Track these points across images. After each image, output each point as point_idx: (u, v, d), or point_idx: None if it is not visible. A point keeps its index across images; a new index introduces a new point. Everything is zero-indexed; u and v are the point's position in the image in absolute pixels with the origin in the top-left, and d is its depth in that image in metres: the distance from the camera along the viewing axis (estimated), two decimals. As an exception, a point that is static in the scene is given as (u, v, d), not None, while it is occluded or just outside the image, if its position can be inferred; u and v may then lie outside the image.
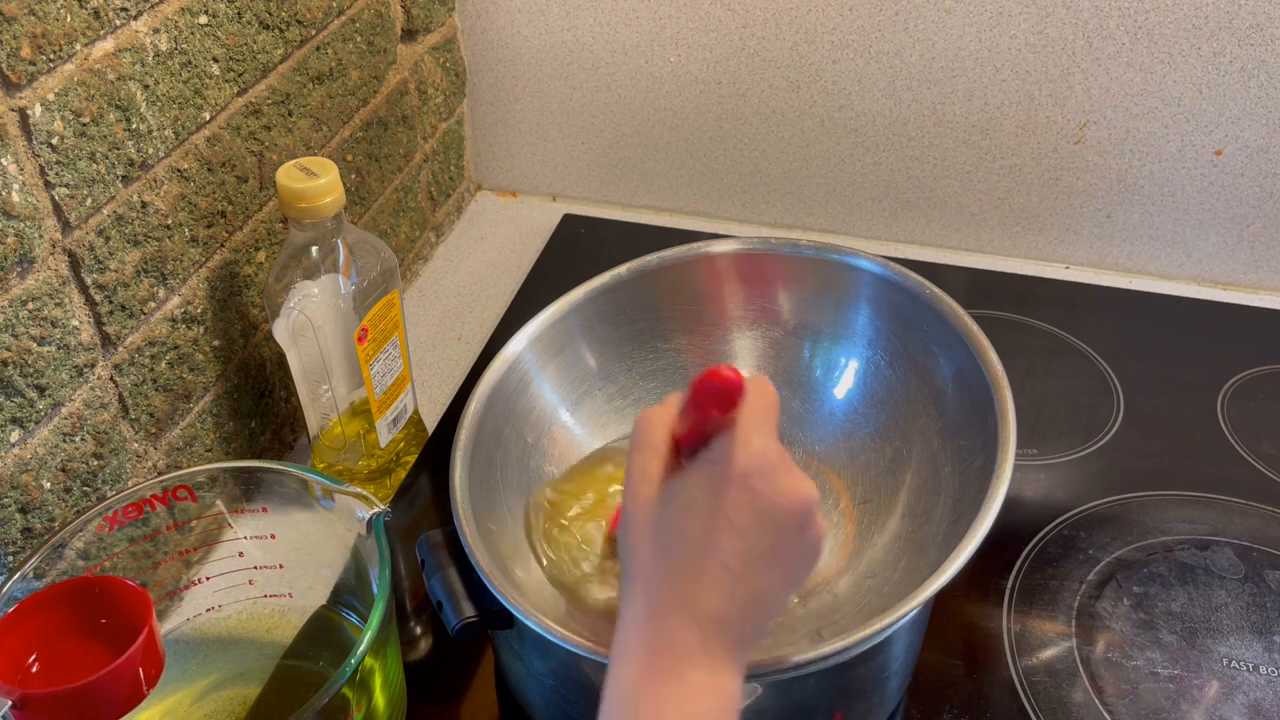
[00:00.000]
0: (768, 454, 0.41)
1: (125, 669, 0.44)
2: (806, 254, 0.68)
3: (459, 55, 0.97)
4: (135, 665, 0.45)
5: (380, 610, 0.50)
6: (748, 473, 0.40)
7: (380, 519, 0.54)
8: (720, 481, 0.41)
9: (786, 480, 0.41)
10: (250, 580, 0.61)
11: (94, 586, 0.48)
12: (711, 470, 0.41)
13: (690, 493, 0.41)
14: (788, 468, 0.42)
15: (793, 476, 0.41)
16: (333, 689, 0.47)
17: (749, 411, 0.42)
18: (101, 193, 0.56)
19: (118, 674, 0.44)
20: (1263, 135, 0.83)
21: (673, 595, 0.41)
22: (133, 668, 0.45)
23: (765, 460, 0.40)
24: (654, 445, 0.44)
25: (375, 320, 0.66)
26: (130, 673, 0.45)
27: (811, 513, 0.42)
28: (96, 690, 0.44)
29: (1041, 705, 0.60)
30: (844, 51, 0.88)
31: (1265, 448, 0.76)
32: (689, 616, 0.40)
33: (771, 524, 0.41)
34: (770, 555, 0.41)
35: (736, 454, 0.40)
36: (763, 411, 0.42)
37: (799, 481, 0.41)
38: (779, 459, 0.41)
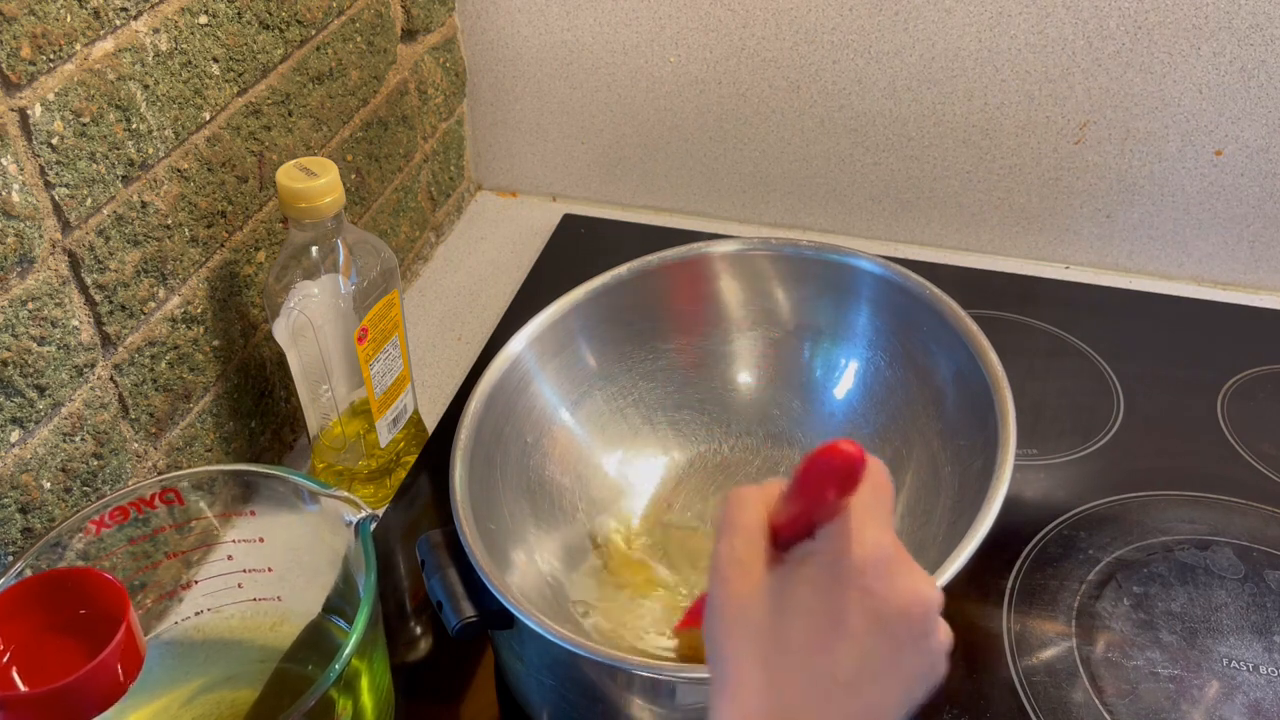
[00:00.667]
0: (884, 548, 0.36)
1: (105, 666, 0.44)
2: (807, 254, 0.68)
3: (459, 55, 0.97)
4: (114, 662, 0.44)
5: (365, 614, 0.50)
6: (864, 569, 0.35)
7: (367, 524, 0.54)
8: (833, 579, 0.36)
9: (906, 580, 0.36)
10: (239, 584, 0.61)
11: (67, 579, 0.47)
12: (820, 565, 0.36)
13: (797, 590, 0.36)
14: (907, 564, 0.37)
15: (913, 575, 0.36)
16: (318, 692, 0.47)
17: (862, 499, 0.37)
18: (101, 193, 0.56)
19: (97, 671, 0.43)
20: (1263, 135, 0.83)
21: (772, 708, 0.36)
22: (112, 664, 0.44)
23: (882, 556, 0.36)
24: (748, 531, 0.38)
25: (375, 320, 0.66)
26: (110, 670, 0.44)
27: (933, 617, 0.37)
28: (76, 689, 0.43)
29: (1041, 705, 0.60)
30: (844, 51, 0.88)
31: (1265, 448, 0.76)
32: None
33: (890, 630, 0.36)
34: (888, 668, 0.36)
35: (850, 548, 0.36)
36: (877, 498, 0.37)
37: (920, 582, 0.36)
38: (897, 554, 0.36)
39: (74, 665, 0.43)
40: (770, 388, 0.71)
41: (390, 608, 0.68)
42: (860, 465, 0.36)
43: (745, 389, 0.71)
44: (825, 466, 0.36)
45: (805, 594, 0.36)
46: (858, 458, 0.35)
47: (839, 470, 0.36)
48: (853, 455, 0.35)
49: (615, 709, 0.53)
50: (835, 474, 0.36)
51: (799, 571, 0.37)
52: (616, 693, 0.52)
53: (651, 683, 0.51)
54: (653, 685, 0.51)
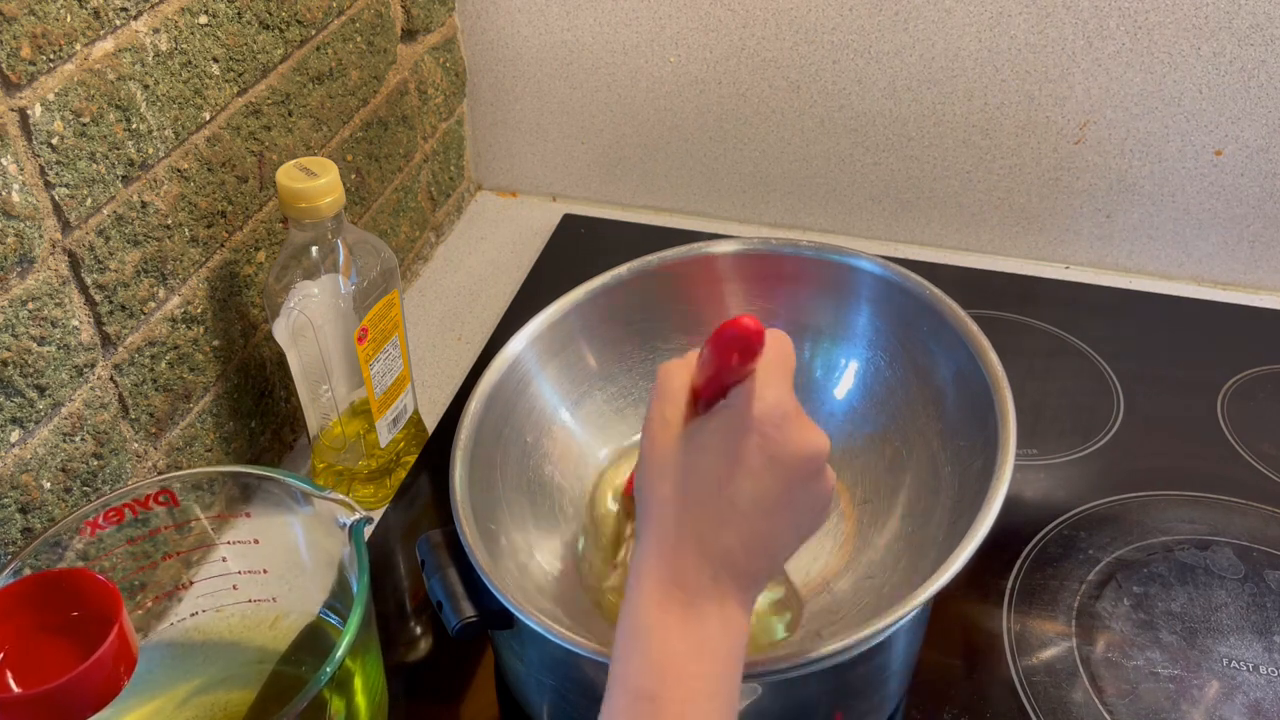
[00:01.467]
0: (783, 403, 0.42)
1: (98, 667, 0.44)
2: (806, 254, 0.68)
3: (459, 55, 0.97)
4: (108, 663, 0.44)
5: (358, 615, 0.50)
6: (763, 419, 0.41)
7: (360, 526, 0.54)
8: (736, 426, 0.42)
9: (799, 430, 0.42)
10: (234, 585, 0.61)
11: (60, 580, 0.47)
12: (728, 416, 0.42)
13: (707, 436, 0.43)
14: (801, 419, 0.43)
15: (805, 427, 0.43)
16: (311, 692, 0.47)
17: (766, 363, 0.43)
18: (101, 193, 0.56)
19: (90, 672, 0.43)
20: (1263, 135, 0.83)
21: (685, 531, 0.42)
22: (105, 666, 0.44)
23: (780, 409, 0.42)
24: (672, 394, 0.45)
25: (375, 320, 0.66)
26: (103, 671, 0.44)
27: (822, 463, 0.43)
28: (69, 690, 0.43)
29: (1041, 705, 0.60)
30: (844, 51, 0.88)
31: (1265, 448, 0.76)
32: (700, 552, 0.42)
33: (783, 470, 0.42)
34: (780, 501, 0.42)
35: (753, 401, 0.42)
36: (779, 363, 0.43)
37: (811, 432, 0.43)
38: (794, 410, 0.42)
39: (67, 666, 0.43)
40: (770, 388, 0.70)
41: (390, 608, 0.68)
42: (758, 336, 0.41)
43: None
44: (729, 337, 0.41)
45: (715, 439, 0.42)
46: (756, 330, 0.41)
47: (740, 339, 0.41)
48: (751, 328, 0.41)
49: (615, 709, 0.53)
50: (737, 342, 0.41)
51: (711, 422, 0.43)
52: (616, 693, 0.52)
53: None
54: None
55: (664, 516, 0.43)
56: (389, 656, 0.64)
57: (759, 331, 0.41)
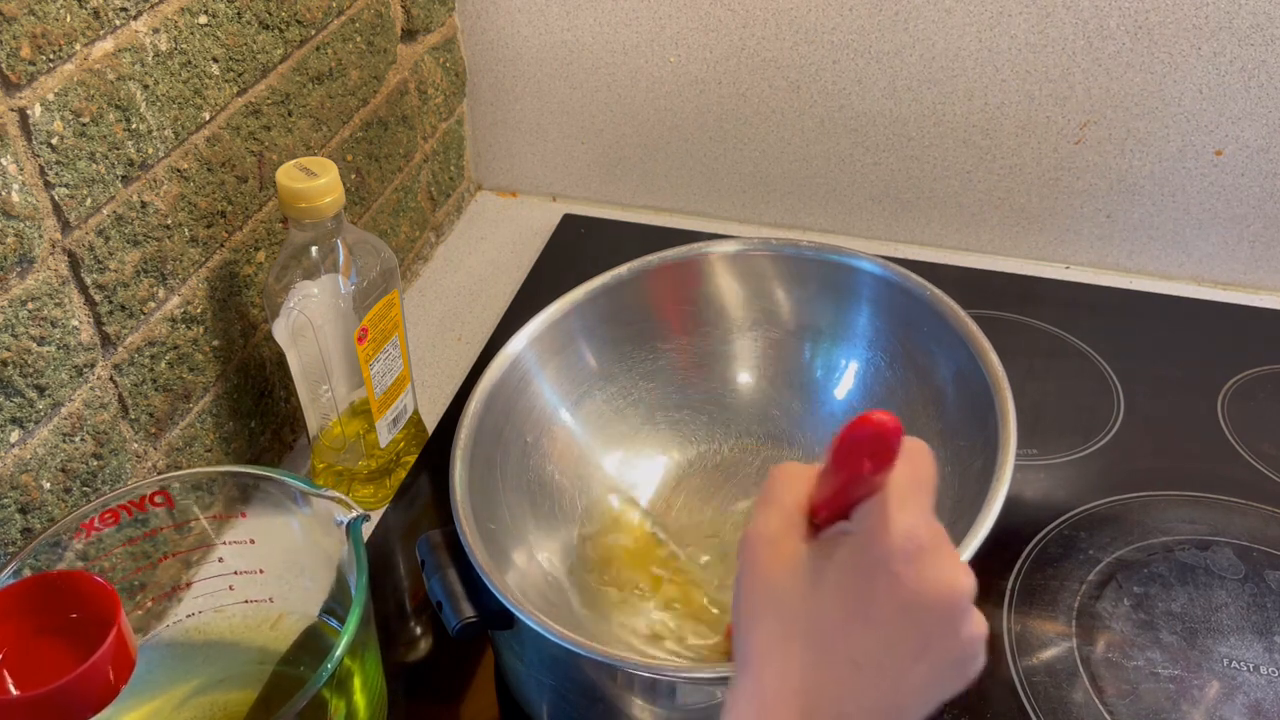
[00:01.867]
0: (918, 534, 0.35)
1: (96, 669, 0.43)
2: (807, 255, 0.68)
3: (459, 55, 0.97)
4: (106, 665, 0.44)
5: (357, 614, 0.50)
6: (893, 556, 0.35)
7: (358, 524, 0.54)
8: (862, 562, 0.35)
9: (938, 568, 0.35)
10: (233, 586, 0.61)
11: (57, 582, 0.47)
12: (853, 547, 0.36)
13: (824, 570, 0.36)
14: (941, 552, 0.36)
15: (945, 564, 0.35)
16: (310, 692, 0.47)
17: (899, 479, 0.36)
18: (101, 193, 0.56)
19: (89, 675, 0.43)
20: (1263, 135, 0.83)
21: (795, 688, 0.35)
22: (103, 668, 0.44)
23: (915, 542, 0.35)
24: (784, 508, 0.38)
25: (375, 320, 0.66)
26: (101, 673, 0.44)
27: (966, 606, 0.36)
28: (68, 692, 0.43)
29: (1041, 705, 0.60)
30: (844, 51, 0.88)
31: (1265, 448, 0.76)
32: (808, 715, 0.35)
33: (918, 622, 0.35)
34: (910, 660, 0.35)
35: (882, 531, 0.35)
36: (915, 479, 0.36)
37: (953, 571, 0.35)
38: (932, 540, 0.35)
39: (65, 668, 0.43)
40: (770, 388, 0.71)
41: (390, 608, 0.68)
42: (895, 434, 0.34)
43: (745, 389, 0.71)
44: (859, 437, 0.35)
45: (835, 576, 0.35)
46: (892, 427, 0.34)
47: (872, 440, 0.35)
48: (886, 425, 0.34)
49: (615, 709, 0.53)
50: (868, 444, 0.35)
51: (831, 552, 0.36)
52: (616, 692, 0.52)
53: (651, 683, 0.51)
54: (652, 685, 0.51)
55: (766, 665, 0.35)
56: (389, 656, 0.64)
57: (897, 430, 0.34)
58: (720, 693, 0.50)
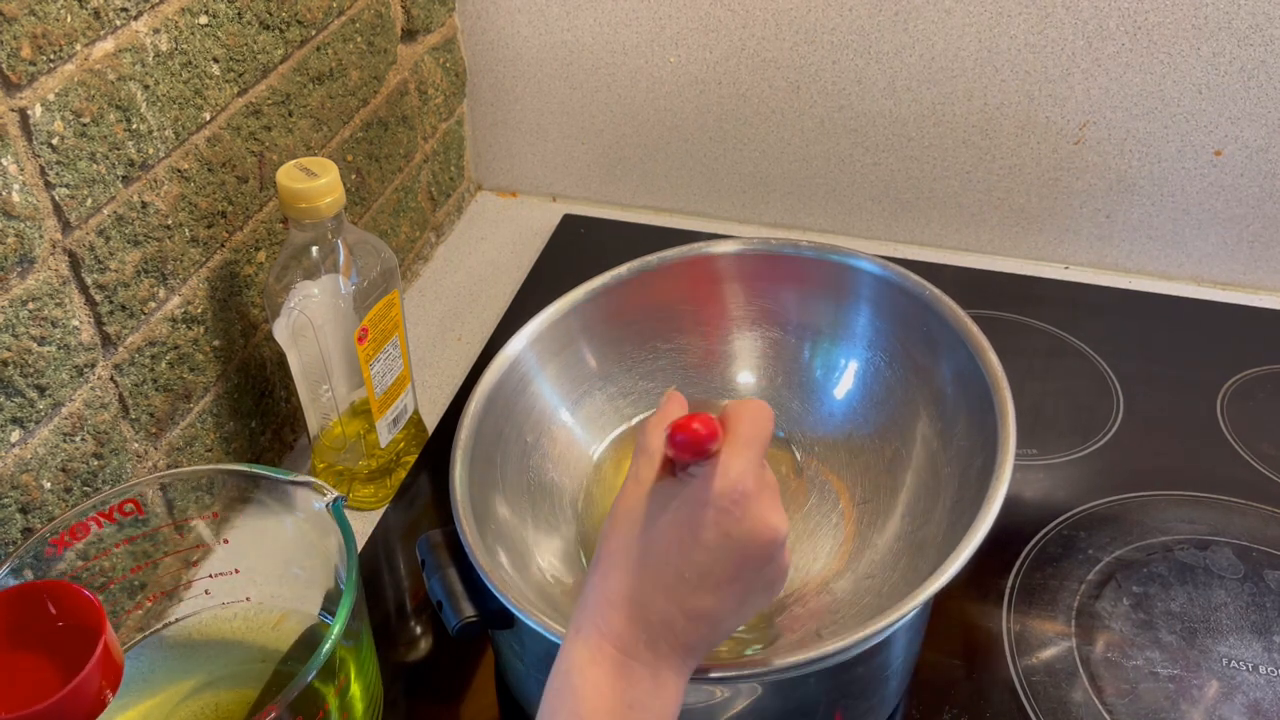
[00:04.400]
0: (744, 481, 0.42)
1: (85, 685, 0.43)
2: (806, 254, 0.68)
3: (459, 55, 0.97)
4: (95, 681, 0.43)
5: (348, 600, 0.50)
6: (721, 495, 0.42)
7: (338, 504, 0.54)
8: (696, 498, 0.42)
9: (759, 511, 0.42)
10: (230, 585, 0.61)
11: (38, 593, 0.46)
12: (692, 487, 0.43)
13: (668, 501, 0.44)
14: (764, 498, 0.43)
15: (765, 509, 0.43)
16: (301, 682, 0.47)
17: (735, 436, 0.43)
18: (102, 193, 0.56)
19: (78, 691, 0.42)
20: (1263, 135, 0.83)
21: (629, 591, 0.43)
22: (92, 684, 0.43)
23: (741, 487, 0.42)
24: (650, 452, 0.46)
25: (375, 320, 0.66)
26: (90, 689, 0.43)
27: (777, 548, 0.43)
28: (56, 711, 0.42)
29: (1041, 705, 0.60)
30: (844, 51, 0.88)
31: (1265, 448, 0.76)
32: (640, 615, 0.42)
33: (736, 549, 0.42)
34: (728, 579, 0.43)
35: (715, 477, 0.42)
36: (751, 438, 0.44)
37: (771, 515, 0.43)
38: (757, 488, 0.42)
39: (49, 681, 0.43)
40: (770, 388, 0.71)
41: (390, 608, 0.68)
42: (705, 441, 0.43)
43: (745, 389, 0.71)
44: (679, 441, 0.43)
45: (675, 506, 0.43)
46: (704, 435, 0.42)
47: (688, 445, 0.43)
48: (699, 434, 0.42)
49: (615, 709, 0.53)
50: (686, 447, 0.43)
51: (677, 490, 0.44)
52: (616, 692, 0.52)
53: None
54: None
55: (611, 569, 0.44)
56: (389, 656, 0.64)
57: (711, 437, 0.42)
58: (720, 691, 0.50)
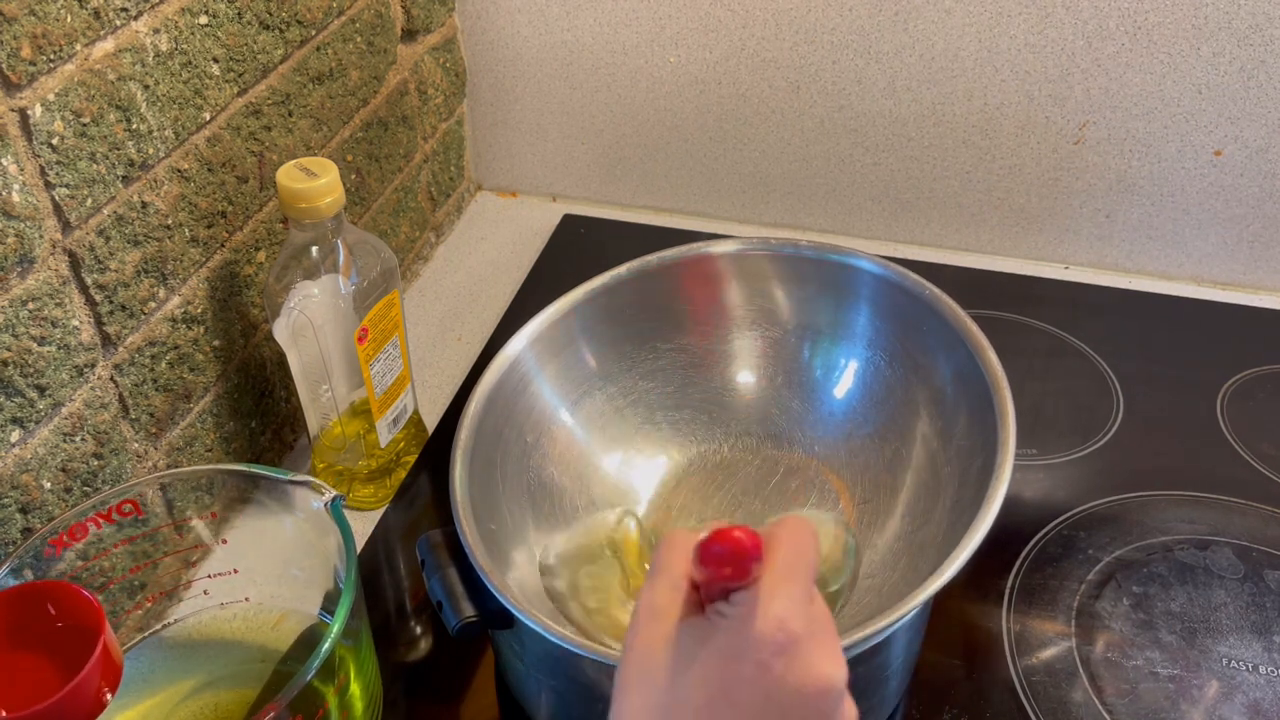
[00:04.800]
0: (790, 624, 0.34)
1: (84, 686, 0.43)
2: (806, 254, 0.68)
3: (459, 55, 0.97)
4: (94, 682, 0.43)
5: (348, 599, 0.50)
6: (762, 644, 0.34)
7: (337, 503, 0.54)
8: (731, 647, 0.35)
9: (807, 660, 0.35)
10: (230, 585, 0.61)
11: (36, 593, 0.46)
12: (725, 631, 0.35)
13: (696, 650, 0.36)
14: (815, 646, 0.35)
15: (815, 655, 0.35)
16: (301, 681, 0.46)
17: (775, 565, 0.36)
18: (102, 193, 0.56)
19: (77, 692, 0.42)
20: (1263, 135, 0.83)
21: None
22: (91, 685, 0.43)
23: (786, 631, 0.34)
24: (674, 577, 0.38)
25: (375, 320, 0.66)
26: (90, 690, 0.43)
27: (834, 702, 0.35)
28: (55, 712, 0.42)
29: (1041, 705, 0.60)
30: (844, 52, 0.88)
31: (1265, 448, 0.76)
32: None
33: (782, 708, 0.34)
34: None
35: (752, 620, 0.35)
36: (793, 565, 0.36)
37: (823, 662, 0.35)
38: (805, 631, 0.35)
39: (48, 682, 0.43)
40: (770, 388, 0.71)
41: (390, 608, 0.68)
42: (750, 554, 0.35)
43: (745, 389, 0.71)
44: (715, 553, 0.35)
45: (705, 658, 0.35)
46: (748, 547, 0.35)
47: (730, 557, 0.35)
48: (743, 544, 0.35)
49: (615, 709, 0.53)
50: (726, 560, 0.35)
51: (706, 635, 0.36)
52: (616, 692, 0.52)
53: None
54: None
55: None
56: (389, 656, 0.64)
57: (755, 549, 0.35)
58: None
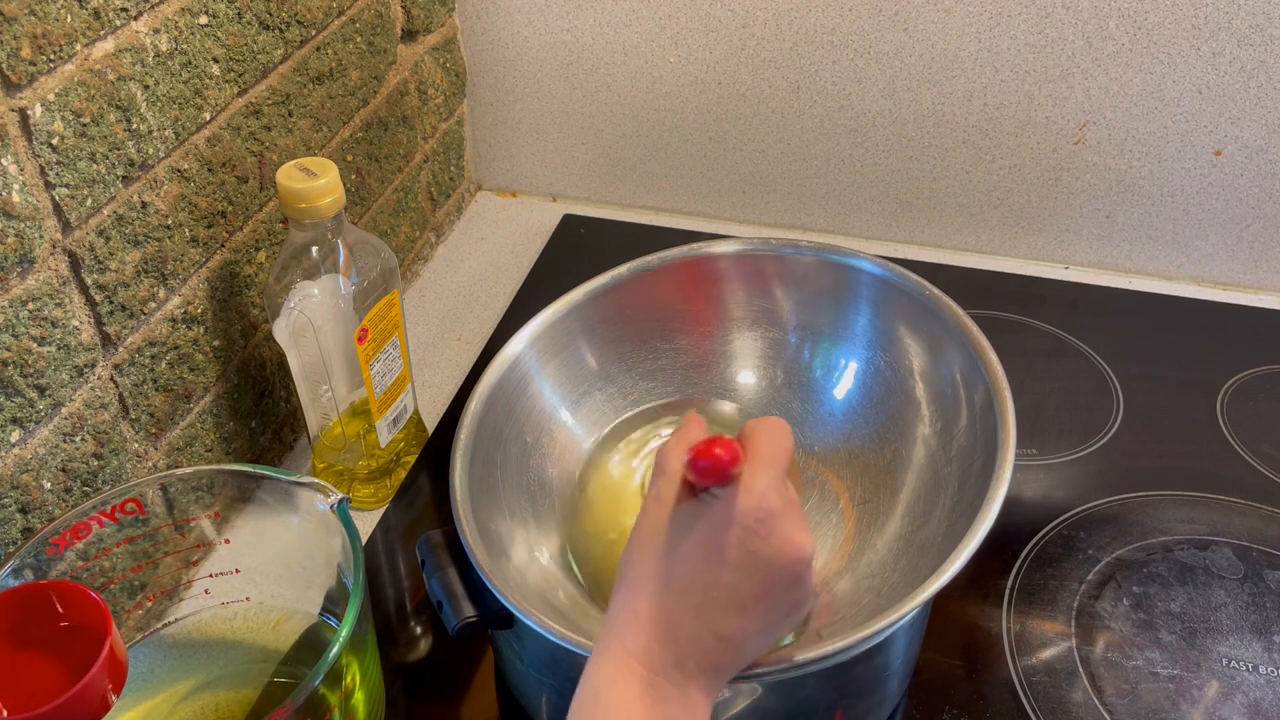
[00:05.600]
0: (768, 499, 0.42)
1: (90, 688, 0.43)
2: (806, 255, 0.68)
3: (459, 55, 0.97)
4: (100, 684, 0.43)
5: (355, 605, 0.50)
6: (746, 514, 0.42)
7: (343, 505, 0.54)
8: (720, 518, 0.42)
9: (784, 530, 0.42)
10: (231, 585, 0.61)
11: (41, 593, 0.46)
12: (718, 506, 0.43)
13: (693, 522, 0.43)
14: (789, 518, 0.43)
15: (791, 528, 0.42)
16: (308, 687, 0.47)
17: (756, 454, 0.43)
18: (102, 193, 0.56)
19: (83, 694, 0.42)
20: (1263, 135, 0.83)
21: (657, 611, 0.43)
22: (97, 687, 0.43)
23: (765, 505, 0.42)
24: (670, 473, 0.45)
25: (375, 320, 0.66)
26: (96, 691, 0.43)
27: (803, 566, 0.43)
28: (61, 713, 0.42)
29: (1041, 705, 0.60)
30: (844, 52, 0.88)
31: (1265, 448, 0.76)
32: (668, 635, 0.42)
33: (762, 568, 0.42)
34: (754, 598, 0.42)
35: (739, 497, 0.42)
36: (772, 456, 0.43)
37: (796, 534, 0.43)
38: (781, 507, 0.42)
39: (54, 681, 0.42)
40: (770, 388, 0.71)
41: (390, 608, 0.68)
42: (729, 465, 0.42)
43: (745, 389, 0.71)
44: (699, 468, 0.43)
45: (701, 526, 0.43)
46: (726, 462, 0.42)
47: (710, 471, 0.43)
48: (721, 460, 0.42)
49: (615, 709, 0.53)
50: (709, 473, 0.43)
51: (701, 510, 0.43)
52: (616, 693, 0.52)
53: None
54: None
55: (637, 590, 0.43)
56: (389, 656, 0.64)
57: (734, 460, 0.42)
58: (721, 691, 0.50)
